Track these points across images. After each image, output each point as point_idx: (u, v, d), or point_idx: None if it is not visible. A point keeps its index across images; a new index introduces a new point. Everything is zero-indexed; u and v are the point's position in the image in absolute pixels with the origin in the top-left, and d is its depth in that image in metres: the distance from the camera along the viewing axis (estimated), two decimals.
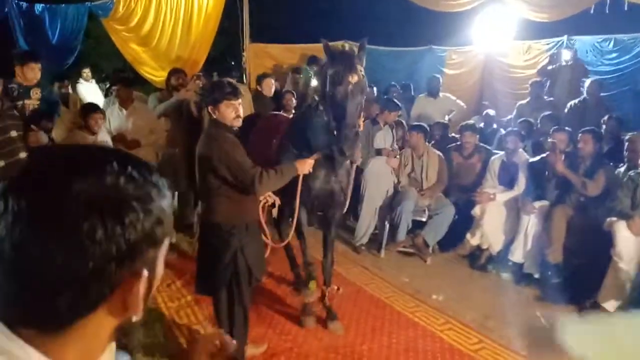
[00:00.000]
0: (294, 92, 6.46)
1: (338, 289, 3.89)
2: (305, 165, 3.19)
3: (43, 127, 4.44)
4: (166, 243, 0.76)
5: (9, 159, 3.70)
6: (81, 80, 7.57)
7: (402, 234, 5.33)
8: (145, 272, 0.72)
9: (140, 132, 5.17)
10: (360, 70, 3.27)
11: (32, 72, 4.52)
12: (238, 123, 2.96)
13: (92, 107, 4.85)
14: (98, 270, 0.65)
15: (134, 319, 0.74)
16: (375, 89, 7.21)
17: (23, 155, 3.74)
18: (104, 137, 4.91)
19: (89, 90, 7.46)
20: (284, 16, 9.98)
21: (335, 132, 3.20)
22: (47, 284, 0.65)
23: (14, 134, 3.75)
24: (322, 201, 3.71)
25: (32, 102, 4.50)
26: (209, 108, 2.91)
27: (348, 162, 3.61)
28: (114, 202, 0.67)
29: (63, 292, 0.65)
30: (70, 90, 6.60)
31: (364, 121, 3.46)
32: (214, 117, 2.91)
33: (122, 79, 5.59)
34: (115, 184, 0.68)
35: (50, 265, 0.64)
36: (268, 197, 3.33)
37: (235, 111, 2.90)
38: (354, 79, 3.20)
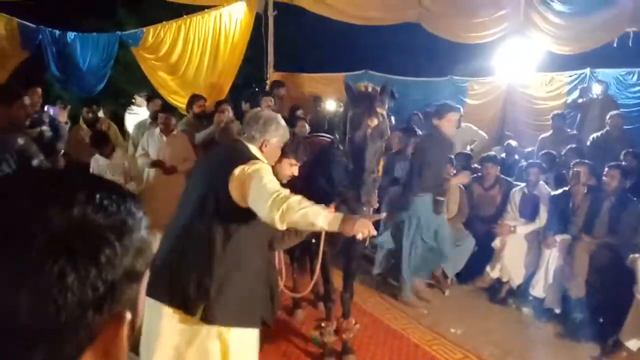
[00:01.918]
0: (306, 119, 6.52)
1: (356, 323, 3.86)
2: None
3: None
4: (147, 274, 0.69)
5: None
6: (133, 107, 7.38)
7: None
8: (128, 315, 0.63)
9: (177, 159, 5.32)
10: (381, 114, 3.15)
11: (36, 97, 4.61)
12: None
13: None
14: (73, 320, 0.56)
15: None
16: (392, 118, 7.23)
17: None
18: (118, 161, 5.11)
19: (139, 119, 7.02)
20: (307, 46, 10.18)
21: (353, 176, 3.10)
22: (16, 340, 0.55)
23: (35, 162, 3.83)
24: (344, 238, 3.64)
25: (46, 129, 4.60)
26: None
27: None
28: (85, 238, 0.57)
29: (36, 348, 0.56)
30: (101, 114, 6.77)
31: (384, 157, 3.41)
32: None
33: (168, 108, 5.78)
34: (83, 214, 0.58)
35: (15, 319, 0.54)
36: None
37: (293, 172, 2.77)
38: (373, 122, 3.08)
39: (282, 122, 2.60)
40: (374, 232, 2.12)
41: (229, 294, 2.26)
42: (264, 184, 2.10)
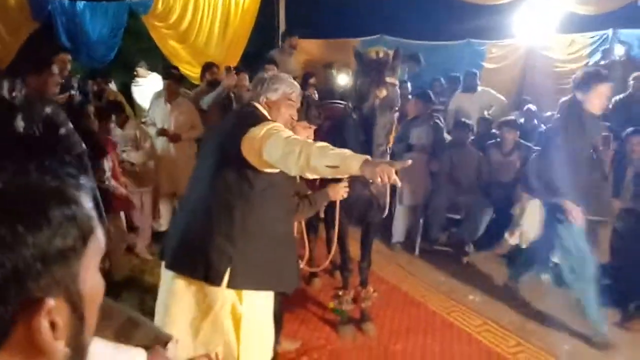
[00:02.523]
0: (316, 85, 6.41)
1: (374, 291, 3.83)
2: (338, 191, 2.95)
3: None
4: (94, 248, 0.62)
5: None
6: (137, 80, 7.27)
7: (435, 233, 5.24)
8: (51, 302, 0.55)
9: (182, 127, 5.30)
10: (392, 83, 2.96)
11: (64, 63, 4.58)
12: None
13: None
14: None
15: None
16: (409, 84, 7.08)
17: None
18: (130, 131, 5.04)
19: (148, 89, 6.86)
20: (319, 11, 9.94)
21: (362, 148, 2.87)
22: None
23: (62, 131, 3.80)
24: (360, 208, 3.55)
25: (75, 93, 4.56)
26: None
27: None
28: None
29: None
30: (112, 86, 6.73)
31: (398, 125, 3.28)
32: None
33: (172, 75, 5.69)
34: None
35: None
36: None
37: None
38: (381, 93, 2.90)
39: (283, 77, 2.48)
40: (397, 181, 1.92)
41: (253, 259, 2.22)
42: (283, 137, 2.02)
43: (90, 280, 0.61)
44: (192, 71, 7.45)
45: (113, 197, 4.19)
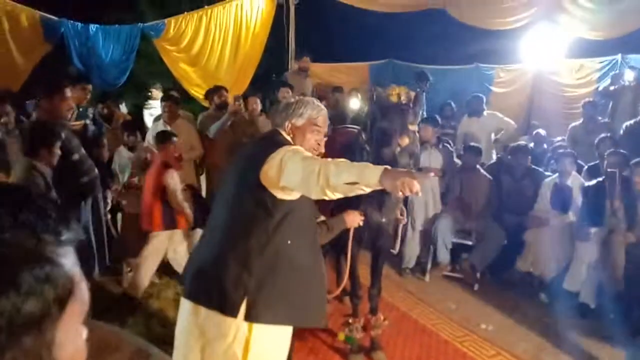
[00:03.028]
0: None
1: (384, 319, 3.76)
2: (354, 219, 2.89)
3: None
4: (74, 310, 0.56)
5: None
6: (150, 102, 7.24)
7: (442, 256, 5.19)
8: None
9: (182, 148, 5.24)
10: (413, 130, 2.89)
11: (84, 93, 4.62)
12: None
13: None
14: None
15: None
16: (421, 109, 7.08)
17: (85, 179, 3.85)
18: (141, 153, 5.05)
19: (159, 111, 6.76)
20: (329, 35, 10.03)
21: (375, 191, 2.89)
22: None
23: (76, 157, 3.81)
24: (371, 234, 3.53)
25: (90, 123, 4.58)
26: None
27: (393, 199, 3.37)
28: None
29: None
30: (123, 108, 6.77)
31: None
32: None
33: (171, 97, 5.73)
34: None
35: None
36: None
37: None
38: (404, 142, 2.83)
39: (309, 100, 2.39)
40: (419, 192, 1.75)
41: (273, 290, 2.11)
42: (300, 159, 1.95)
43: (71, 345, 0.55)
44: (201, 94, 7.51)
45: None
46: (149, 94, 7.19)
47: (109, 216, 4.28)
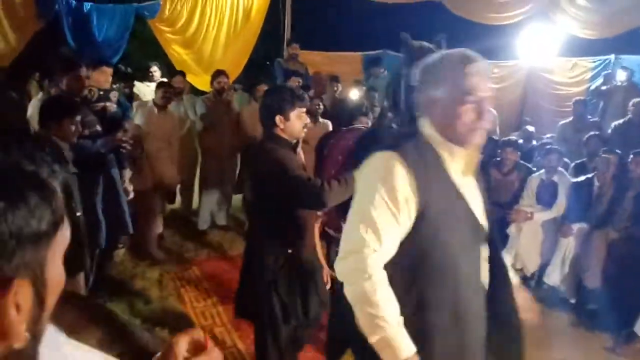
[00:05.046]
0: (322, 98, 6.42)
1: None
2: None
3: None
4: (62, 237, 0.61)
5: None
6: (146, 83, 7.17)
7: None
8: (20, 282, 0.55)
9: (163, 137, 5.03)
10: None
11: (104, 76, 4.52)
12: (303, 135, 2.58)
13: None
14: None
15: (15, 346, 0.55)
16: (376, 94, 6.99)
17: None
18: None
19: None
20: (324, 24, 10.01)
21: None
22: None
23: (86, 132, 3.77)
24: None
25: (111, 105, 4.45)
26: (277, 118, 2.42)
27: None
28: None
29: None
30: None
31: None
32: (278, 128, 2.44)
33: (163, 84, 5.57)
34: None
35: None
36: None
37: (304, 121, 2.50)
38: None
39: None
40: None
41: None
42: None
43: (55, 269, 0.60)
44: (195, 77, 7.49)
45: None
46: (150, 73, 6.89)
47: (131, 195, 4.20)
